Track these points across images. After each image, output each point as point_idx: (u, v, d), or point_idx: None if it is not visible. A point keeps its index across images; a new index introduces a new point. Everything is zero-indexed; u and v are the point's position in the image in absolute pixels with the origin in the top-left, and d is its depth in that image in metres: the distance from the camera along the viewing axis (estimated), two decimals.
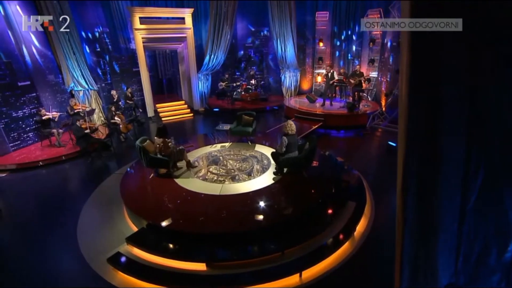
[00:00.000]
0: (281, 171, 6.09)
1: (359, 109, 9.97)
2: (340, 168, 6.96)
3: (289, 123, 5.89)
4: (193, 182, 5.89)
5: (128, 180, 6.19)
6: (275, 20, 11.79)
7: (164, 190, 5.58)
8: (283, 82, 13.29)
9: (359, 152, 8.33)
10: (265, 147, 7.62)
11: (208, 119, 11.84)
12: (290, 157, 5.84)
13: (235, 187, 5.69)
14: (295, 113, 10.57)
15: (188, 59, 11.99)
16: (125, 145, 9.06)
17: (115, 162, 7.76)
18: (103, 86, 11.25)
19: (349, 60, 12.71)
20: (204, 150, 7.52)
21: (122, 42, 11.79)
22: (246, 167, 6.61)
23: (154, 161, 5.97)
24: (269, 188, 5.56)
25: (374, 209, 5.48)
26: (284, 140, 5.77)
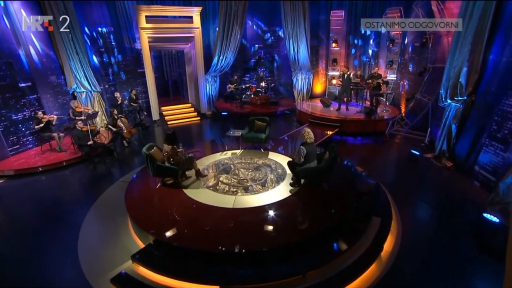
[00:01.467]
0: (298, 182, 5.83)
1: (377, 114, 9.66)
2: (360, 179, 6.67)
3: (306, 131, 5.63)
4: (203, 192, 5.65)
5: (133, 189, 5.96)
6: (288, 19, 11.59)
7: (172, 202, 5.34)
8: (294, 84, 13.04)
9: (379, 161, 8.03)
10: (279, 155, 7.37)
11: (216, 124, 11.63)
12: (308, 168, 5.57)
13: (248, 199, 5.43)
14: (308, 118, 10.29)
15: (196, 59, 11.83)
16: (129, 151, 8.88)
17: (118, 169, 7.56)
18: (107, 87, 11.13)
19: (366, 62, 12.42)
20: (213, 158, 7.29)
21: (127, 42, 11.68)
22: (260, 176, 6.36)
23: (161, 170, 5.74)
24: (286, 201, 5.29)
25: (401, 225, 5.17)
26: (302, 150, 5.50)
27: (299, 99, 13.01)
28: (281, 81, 14.38)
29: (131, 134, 9.13)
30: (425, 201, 6.02)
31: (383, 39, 11.51)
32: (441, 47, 8.15)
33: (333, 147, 5.79)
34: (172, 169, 5.73)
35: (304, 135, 5.62)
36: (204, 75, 12.08)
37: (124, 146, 9.06)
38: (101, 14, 10.54)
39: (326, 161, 5.56)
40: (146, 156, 5.65)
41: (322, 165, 5.56)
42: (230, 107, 12.65)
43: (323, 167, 5.53)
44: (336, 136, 9.47)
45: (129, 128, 9.07)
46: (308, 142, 5.60)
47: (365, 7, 11.54)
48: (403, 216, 5.39)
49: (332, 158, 5.50)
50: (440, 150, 7.33)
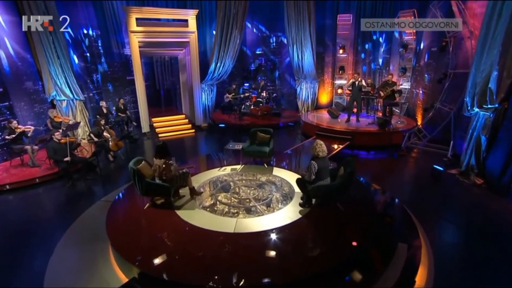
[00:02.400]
0: (309, 202, 5.40)
1: (392, 125, 9.32)
2: (379, 198, 6.25)
3: (318, 143, 5.22)
4: (199, 214, 5.20)
5: (117, 210, 5.50)
6: (292, 23, 11.42)
7: (163, 225, 4.89)
8: (298, 94, 12.77)
9: (397, 178, 7.65)
10: (285, 171, 6.99)
11: (212, 137, 11.25)
12: (321, 186, 5.14)
13: (252, 222, 4.99)
14: (315, 130, 9.95)
15: (191, 67, 11.56)
16: (115, 166, 8.43)
17: (101, 187, 7.09)
18: (91, 96, 10.80)
19: (376, 69, 12.22)
20: (210, 174, 6.88)
21: (115, 47, 11.43)
22: (264, 195, 5.93)
23: (151, 188, 5.28)
24: (296, 225, 4.85)
25: (433, 253, 4.70)
26: (314, 166, 5.08)
27: (303, 110, 12.71)
28: (283, 90, 14.12)
29: (117, 147, 8.69)
30: (456, 224, 5.58)
31: (395, 45, 11.34)
32: (463, 50, 7.91)
33: (349, 162, 5.38)
34: (163, 187, 5.27)
35: (315, 147, 5.21)
36: (199, 83, 11.79)
37: (109, 160, 8.61)
38: (87, 16, 10.31)
39: (342, 178, 5.13)
40: (133, 172, 5.20)
41: (337, 183, 5.14)
42: (228, 118, 12.30)
43: (338, 184, 5.10)
44: (347, 150, 9.10)
45: (116, 140, 8.64)
46: (320, 156, 5.19)
47: (374, 10, 11.43)
48: (433, 243, 4.93)
49: (349, 174, 5.08)
50: (468, 165, 6.95)
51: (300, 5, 11.16)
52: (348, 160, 5.50)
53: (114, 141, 8.61)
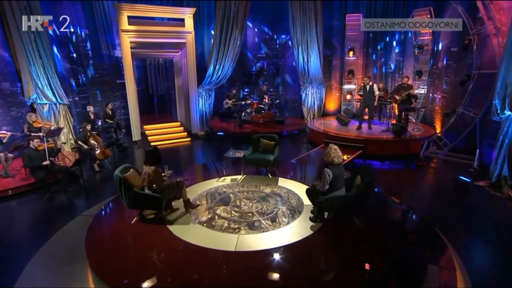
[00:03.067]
0: (320, 216, 5.01)
1: (409, 133, 8.99)
2: (400, 212, 5.85)
3: (332, 148, 4.86)
4: (194, 230, 4.82)
5: (99, 226, 5.14)
6: (297, 23, 11.23)
7: (153, 243, 4.49)
8: (303, 100, 12.50)
9: (417, 190, 7.28)
10: (292, 181, 6.63)
11: (210, 145, 10.91)
12: (336, 197, 4.76)
13: (255, 239, 4.61)
14: (323, 138, 9.62)
15: (187, 70, 11.31)
16: (101, 177, 8.05)
17: (84, 200, 6.68)
18: (77, 100, 10.53)
19: (388, 73, 11.98)
20: (207, 185, 6.53)
21: (105, 48, 11.23)
22: (268, 209, 5.54)
23: (140, 199, 4.89)
24: (306, 242, 4.47)
25: (469, 278, 4.26)
26: (328, 174, 4.70)
27: (309, 117, 12.40)
28: (287, 97, 13.86)
29: (105, 156, 8.32)
30: (490, 242, 5.15)
31: (409, 47, 11.14)
32: (488, 49, 7.65)
33: (367, 170, 5.03)
34: (154, 198, 4.87)
35: (329, 153, 4.83)
36: (196, 88, 11.51)
37: (95, 170, 8.22)
38: (74, 14, 10.11)
39: (359, 188, 4.74)
40: (119, 181, 4.81)
41: (354, 193, 4.75)
42: (227, 126, 11.99)
43: (355, 195, 4.72)
44: (358, 160, 8.75)
45: (103, 148, 8.27)
46: (336, 163, 4.81)
47: (386, 9, 11.26)
48: (468, 265, 4.49)
49: (368, 183, 4.70)
50: (499, 176, 6.57)
51: (306, 4, 10.99)
52: (366, 168, 5.14)
53: (101, 149, 8.25)
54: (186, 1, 11.75)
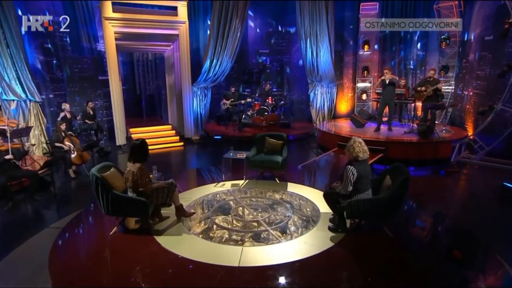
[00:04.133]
0: (342, 224, 4.58)
1: (437, 134, 8.58)
2: (436, 223, 5.39)
3: (356, 141, 4.45)
4: (188, 241, 4.39)
5: (68, 239, 4.69)
6: (305, 12, 10.97)
7: (136, 258, 4.02)
8: (312, 101, 12.14)
9: (451, 200, 6.82)
10: (303, 187, 6.24)
11: (205, 150, 10.50)
12: (362, 201, 4.32)
13: (263, 252, 4.19)
14: (337, 140, 9.23)
15: (180, 65, 10.98)
16: (76, 184, 7.55)
17: (55, 210, 6.18)
18: (51, 98, 10.18)
19: (408, 70, 11.67)
20: (203, 191, 6.12)
21: (86, 41, 10.90)
22: (276, 218, 5.14)
23: (121, 204, 4.43)
24: (325, 257, 4.04)
25: None
26: (351, 172, 4.26)
27: (318, 120, 12.02)
28: (292, 97, 13.52)
29: (82, 160, 7.84)
30: None
31: (432, 40, 10.88)
32: None
33: (399, 168, 4.59)
34: (138, 203, 4.40)
35: (352, 147, 4.41)
36: (190, 86, 11.15)
37: (70, 177, 7.74)
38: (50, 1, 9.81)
39: (391, 189, 4.28)
40: (96, 181, 4.35)
41: (385, 196, 4.28)
42: (225, 130, 11.57)
43: (386, 198, 4.25)
44: (378, 166, 8.30)
45: (80, 151, 7.81)
46: (361, 159, 4.38)
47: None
48: None
49: (402, 183, 4.23)
50: None
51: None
52: (397, 166, 4.69)
53: (78, 152, 7.78)
54: None
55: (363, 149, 4.39)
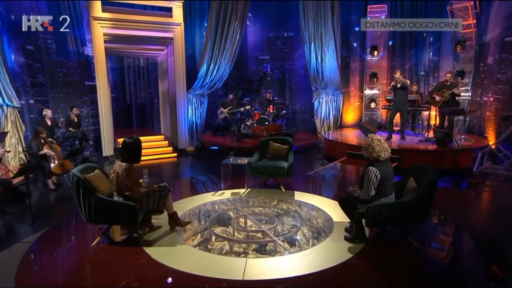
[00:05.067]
0: (361, 234, 4.24)
1: (456, 142, 8.31)
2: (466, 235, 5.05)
3: (375, 139, 4.18)
4: (184, 253, 4.04)
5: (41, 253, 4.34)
6: (309, 13, 10.85)
7: (122, 272, 3.64)
8: (316, 110, 11.90)
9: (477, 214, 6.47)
10: (313, 196, 5.95)
11: (201, 162, 10.18)
12: (384, 205, 3.98)
13: (270, 265, 3.83)
14: (345, 149, 8.99)
15: (175, 71, 10.76)
16: (56, 197, 7.13)
17: (29, 224, 5.73)
18: (32, 103, 9.88)
19: (420, 77, 11.53)
20: (199, 200, 5.79)
21: (72, 44, 10.70)
22: (283, 230, 4.79)
23: (106, 209, 4.07)
24: (345, 269, 3.70)
25: None
26: (374, 174, 3.95)
27: (322, 130, 11.76)
28: (295, 107, 13.31)
29: (63, 169, 7.45)
30: None
31: (445, 44, 10.79)
32: None
33: (425, 168, 4.31)
34: (126, 208, 4.04)
35: (371, 146, 4.12)
36: (185, 93, 10.91)
37: (49, 188, 7.34)
38: None
39: (418, 192, 3.95)
40: (78, 182, 4.01)
41: (411, 199, 3.94)
42: (223, 141, 11.27)
43: (412, 201, 3.91)
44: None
45: (61, 160, 7.44)
46: (382, 158, 4.09)
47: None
48: None
49: (429, 185, 3.91)
50: None
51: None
52: (421, 166, 4.42)
53: (59, 160, 7.40)
54: None
55: (383, 148, 4.11)
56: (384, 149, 4.09)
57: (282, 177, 6.25)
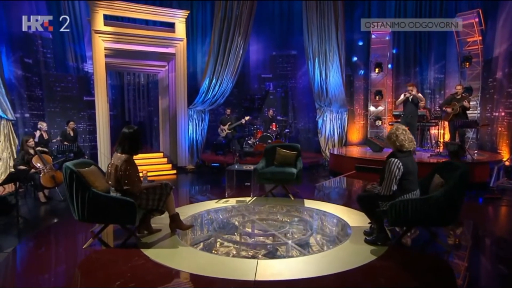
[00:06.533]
0: (383, 235, 3.86)
1: (470, 156, 8.01)
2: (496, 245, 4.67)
3: (400, 129, 3.89)
4: (186, 255, 3.67)
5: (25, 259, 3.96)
6: (312, 29, 10.78)
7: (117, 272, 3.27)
8: (320, 128, 11.61)
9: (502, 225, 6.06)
10: (325, 203, 5.57)
11: (202, 180, 9.75)
12: (409, 201, 3.63)
13: (284, 266, 3.45)
14: (353, 163, 8.70)
15: (176, 87, 10.54)
16: (46, 210, 6.66)
17: (15, 235, 5.30)
18: (27, 117, 9.62)
19: (425, 95, 11.36)
20: (201, 207, 5.41)
21: (72, 60, 10.60)
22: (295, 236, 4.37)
23: (102, 206, 3.70)
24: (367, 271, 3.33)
25: None
26: (396, 166, 3.62)
27: (326, 149, 11.44)
28: (298, 126, 13.09)
29: (55, 182, 6.98)
30: None
31: (451, 62, 10.71)
32: None
33: (451, 164, 4.04)
34: (123, 204, 3.66)
35: (395, 134, 3.83)
36: (186, 109, 10.65)
37: (40, 201, 6.89)
38: (35, 11, 9.54)
39: (448, 186, 3.60)
40: (71, 176, 3.67)
41: (440, 193, 3.58)
42: (224, 159, 10.92)
43: (442, 196, 3.55)
44: None
45: (53, 171, 7.03)
46: (406, 149, 3.77)
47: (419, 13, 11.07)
48: None
49: (460, 179, 3.57)
50: None
51: (323, 4, 10.67)
52: (447, 162, 4.13)
53: (50, 172, 6.98)
54: (177, 1, 11.41)
55: (408, 138, 3.80)
56: (409, 139, 3.78)
57: (290, 185, 5.90)
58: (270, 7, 12.66)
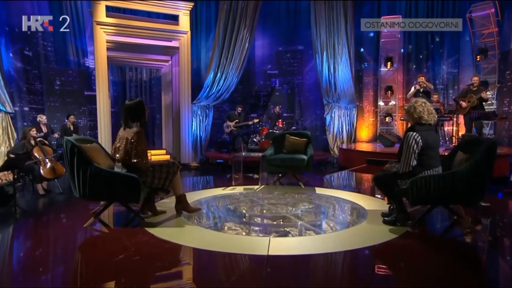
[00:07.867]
0: (403, 215, 3.68)
1: None
2: None
3: (419, 102, 3.75)
4: (194, 232, 3.56)
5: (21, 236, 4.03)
6: (321, 21, 10.69)
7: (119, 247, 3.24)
8: (328, 125, 11.47)
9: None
10: (338, 191, 5.46)
11: (206, 176, 9.64)
12: (431, 177, 3.47)
13: (298, 243, 3.35)
14: (364, 157, 8.56)
15: (179, 82, 10.47)
16: (45, 203, 6.55)
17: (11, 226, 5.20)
18: (26, 111, 9.60)
19: (438, 90, 11.22)
20: (206, 193, 5.35)
21: (73, 54, 10.58)
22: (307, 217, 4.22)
23: (103, 182, 3.57)
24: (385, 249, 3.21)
25: None
26: (414, 139, 3.48)
27: (335, 147, 11.29)
28: (305, 123, 12.95)
29: (55, 174, 6.88)
30: None
31: (465, 55, 10.56)
32: None
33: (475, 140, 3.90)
34: (127, 179, 3.53)
35: (414, 107, 3.68)
36: (190, 104, 10.55)
37: (38, 193, 6.78)
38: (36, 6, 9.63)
39: (473, 161, 3.43)
40: (72, 149, 3.57)
41: (464, 168, 3.42)
42: (229, 157, 10.80)
43: (467, 171, 3.39)
44: None
45: (54, 163, 6.94)
46: (425, 122, 3.62)
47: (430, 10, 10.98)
48: None
49: (485, 152, 3.42)
50: None
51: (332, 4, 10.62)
52: (470, 138, 3.97)
53: (51, 163, 6.89)
54: None
55: (428, 110, 3.64)
56: (428, 111, 3.62)
57: (300, 172, 5.77)
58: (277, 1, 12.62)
